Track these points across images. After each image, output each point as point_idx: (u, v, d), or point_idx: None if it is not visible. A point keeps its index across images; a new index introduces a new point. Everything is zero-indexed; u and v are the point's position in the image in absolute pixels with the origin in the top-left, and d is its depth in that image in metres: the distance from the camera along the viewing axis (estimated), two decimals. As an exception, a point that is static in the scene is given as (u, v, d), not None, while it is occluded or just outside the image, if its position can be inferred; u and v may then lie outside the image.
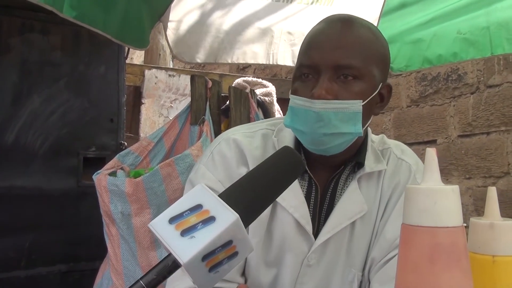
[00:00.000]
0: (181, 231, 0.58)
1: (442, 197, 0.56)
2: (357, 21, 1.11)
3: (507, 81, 3.03)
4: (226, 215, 0.59)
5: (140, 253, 1.73)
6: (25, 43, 2.40)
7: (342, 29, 1.07)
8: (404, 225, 0.58)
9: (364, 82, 1.04)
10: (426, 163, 0.58)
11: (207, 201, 0.61)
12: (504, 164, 3.04)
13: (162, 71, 3.67)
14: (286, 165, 0.70)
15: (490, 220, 0.68)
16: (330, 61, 1.03)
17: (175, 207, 0.61)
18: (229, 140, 1.16)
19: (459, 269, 0.54)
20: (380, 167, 1.16)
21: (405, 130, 3.68)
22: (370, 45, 1.07)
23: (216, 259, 0.59)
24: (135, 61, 5.04)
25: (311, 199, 1.14)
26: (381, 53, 1.10)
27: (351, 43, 1.05)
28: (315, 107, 1.02)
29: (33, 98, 2.41)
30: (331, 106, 1.02)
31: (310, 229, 1.12)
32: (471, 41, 2.11)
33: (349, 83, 1.03)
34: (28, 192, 2.36)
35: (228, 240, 0.59)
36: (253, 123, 1.29)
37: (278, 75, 4.98)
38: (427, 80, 3.54)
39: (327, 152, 1.08)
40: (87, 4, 1.68)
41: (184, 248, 0.57)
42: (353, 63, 1.03)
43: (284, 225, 1.12)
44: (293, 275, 1.14)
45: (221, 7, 2.21)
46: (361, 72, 1.04)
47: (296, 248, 1.12)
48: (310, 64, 1.06)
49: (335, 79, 1.04)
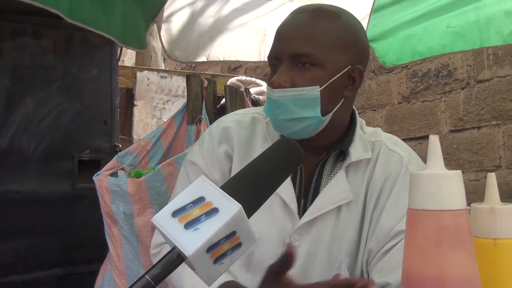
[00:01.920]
0: (184, 223, 0.58)
1: (446, 181, 0.58)
2: (322, 9, 1.16)
3: (496, 76, 3.07)
4: (229, 206, 0.59)
5: (143, 252, 1.74)
6: (17, 47, 2.38)
7: (302, 19, 1.13)
8: (410, 210, 0.60)
9: (323, 69, 1.09)
10: (430, 150, 0.60)
11: (209, 193, 0.61)
12: (496, 158, 3.08)
13: (154, 73, 3.67)
14: (285, 155, 0.71)
15: (490, 205, 0.70)
16: (288, 51, 1.10)
17: (177, 201, 0.61)
18: (220, 121, 1.28)
19: (464, 250, 0.56)
20: (365, 155, 1.18)
21: (397, 127, 3.71)
22: (330, 31, 1.11)
23: (220, 250, 0.59)
24: (126, 63, 5.03)
25: (296, 181, 1.18)
26: (344, 38, 1.13)
27: (308, 31, 1.11)
28: (274, 95, 1.10)
29: (26, 102, 2.40)
30: (287, 93, 1.09)
31: (295, 208, 1.15)
32: (461, 34, 2.15)
33: (307, 69, 1.09)
34: (23, 196, 2.35)
35: (232, 231, 0.59)
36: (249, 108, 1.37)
37: (270, 74, 5.00)
38: (418, 77, 3.58)
39: (295, 136, 1.11)
40: (89, 8, 1.68)
41: (189, 241, 0.57)
42: (309, 51, 1.08)
43: (270, 204, 1.14)
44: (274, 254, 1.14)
45: (213, 6, 2.22)
46: (318, 60, 1.09)
47: (280, 226, 1.16)
48: (274, 55, 1.14)
49: (294, 67, 1.10)
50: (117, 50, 2.63)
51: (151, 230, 1.73)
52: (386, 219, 1.13)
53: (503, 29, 2.01)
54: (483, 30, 2.07)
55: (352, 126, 1.21)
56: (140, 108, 3.65)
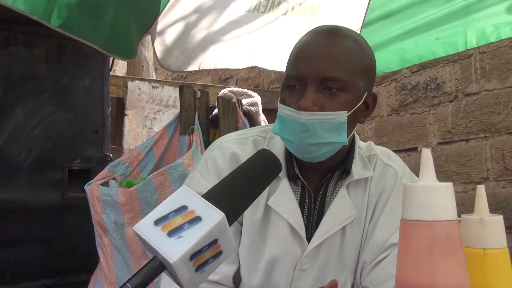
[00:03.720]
0: (167, 231, 0.59)
1: (438, 193, 0.60)
2: (344, 32, 1.14)
3: (484, 90, 3.13)
4: (211, 215, 0.60)
5: (134, 262, 1.74)
6: (9, 56, 2.38)
7: (328, 41, 1.10)
8: (403, 220, 0.61)
9: (349, 94, 1.07)
10: (422, 162, 0.62)
11: (192, 202, 0.62)
12: (483, 170, 3.12)
13: (145, 83, 3.68)
14: (265, 166, 0.73)
15: (480, 216, 0.72)
16: (316, 73, 1.06)
17: (159, 210, 0.62)
18: (222, 147, 1.19)
19: (455, 259, 0.58)
20: (367, 174, 1.19)
21: (386, 138, 3.75)
22: (355, 56, 1.10)
23: (202, 258, 0.60)
24: (117, 73, 5.03)
25: (305, 205, 1.17)
26: (366, 64, 1.12)
27: (336, 55, 1.08)
28: (301, 118, 1.05)
29: (17, 111, 2.39)
30: (316, 117, 1.05)
31: (303, 234, 1.14)
32: (448, 43, 2.20)
33: (334, 94, 1.06)
34: (13, 206, 2.33)
35: (213, 239, 0.60)
36: (244, 130, 1.31)
37: (261, 85, 5.03)
38: (407, 89, 3.63)
39: (313, 160, 1.11)
40: (75, 15, 1.69)
41: (172, 248, 0.57)
42: (338, 75, 1.06)
43: (278, 230, 1.14)
44: (287, 280, 1.16)
45: (206, 18, 2.25)
46: (346, 84, 1.06)
47: (290, 253, 1.15)
48: (297, 76, 1.09)
49: (321, 91, 1.06)
50: (109, 60, 2.64)
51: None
52: (380, 232, 1.15)
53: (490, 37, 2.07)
54: (468, 36, 2.13)
55: (353, 145, 1.22)
56: (131, 118, 3.64)
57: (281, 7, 2.36)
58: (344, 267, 1.17)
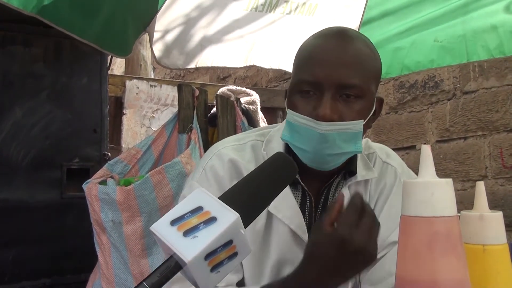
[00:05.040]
0: (183, 231, 0.59)
1: (438, 189, 0.60)
2: (355, 35, 1.11)
3: (482, 87, 3.13)
4: (227, 215, 0.61)
5: (132, 261, 1.74)
6: (7, 55, 2.38)
7: (343, 45, 1.06)
8: (403, 216, 0.62)
9: (364, 101, 1.05)
10: (422, 159, 0.62)
11: (207, 203, 0.62)
12: (482, 168, 3.13)
13: (143, 82, 3.67)
14: (280, 168, 0.73)
15: (479, 212, 0.72)
16: (334, 80, 1.01)
17: (176, 211, 0.62)
18: (220, 155, 1.15)
19: (455, 255, 0.58)
20: (371, 175, 1.18)
21: (384, 137, 3.75)
22: (369, 61, 1.07)
23: (217, 258, 0.60)
24: (115, 72, 5.02)
25: (306, 209, 1.16)
26: (377, 69, 1.11)
27: (353, 61, 1.04)
28: (321, 128, 1.01)
29: (15, 110, 2.38)
30: (336, 128, 1.01)
31: (306, 239, 1.12)
32: (447, 49, 2.19)
33: (352, 102, 1.03)
34: (11, 205, 2.33)
35: (229, 240, 0.60)
36: (241, 134, 1.28)
37: (259, 84, 5.03)
38: (405, 88, 3.63)
39: (326, 169, 1.09)
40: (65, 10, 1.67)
41: (188, 247, 0.58)
42: (356, 82, 1.02)
43: (281, 236, 1.13)
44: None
45: (205, 17, 2.25)
46: (362, 91, 1.04)
47: (294, 259, 1.11)
48: (312, 81, 1.03)
49: (338, 98, 1.03)
50: (107, 59, 2.63)
51: (140, 238, 1.73)
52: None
53: (489, 43, 2.06)
54: (469, 44, 2.11)
55: None
56: (129, 117, 3.64)
57: (280, 6, 2.36)
58: None
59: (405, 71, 2.37)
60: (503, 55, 2.08)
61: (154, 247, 1.77)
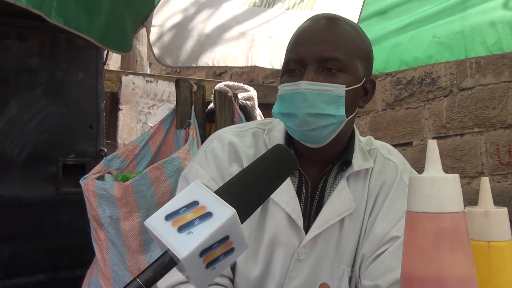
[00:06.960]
0: (178, 227, 0.58)
1: (445, 184, 0.59)
2: (341, 19, 1.17)
3: (479, 84, 3.14)
4: (223, 211, 0.59)
5: (129, 257, 1.73)
6: (2, 49, 2.35)
7: (326, 25, 1.13)
8: (409, 212, 0.61)
9: (348, 75, 1.09)
10: (428, 154, 0.61)
11: (203, 198, 0.61)
12: (478, 164, 3.13)
13: (139, 77, 3.65)
14: (279, 162, 0.71)
15: (484, 208, 0.72)
16: (315, 54, 1.07)
17: (171, 205, 0.61)
18: (221, 139, 1.20)
19: (462, 252, 0.57)
20: (368, 165, 1.19)
21: (381, 133, 3.75)
22: (353, 40, 1.12)
23: (213, 255, 0.59)
24: (111, 67, 5.00)
25: (302, 195, 1.17)
26: (364, 49, 1.15)
27: (335, 37, 1.10)
28: (301, 87, 1.06)
29: (11, 106, 2.36)
30: (315, 87, 1.06)
31: (301, 224, 1.15)
32: (446, 45, 2.19)
33: (334, 75, 1.08)
34: (6, 201, 2.31)
35: (225, 236, 0.59)
36: (243, 123, 1.31)
37: (255, 80, 5.02)
38: (402, 84, 3.63)
39: (313, 140, 1.11)
40: (72, 9, 1.68)
41: (182, 244, 0.56)
42: (337, 55, 1.07)
43: (276, 219, 1.14)
44: (283, 269, 1.16)
45: (203, 12, 2.23)
46: (345, 65, 1.08)
47: (287, 243, 1.15)
48: (296, 59, 1.10)
49: (320, 72, 1.08)
50: (103, 54, 2.61)
51: (137, 234, 1.72)
52: (380, 226, 1.15)
53: (487, 39, 2.06)
54: (468, 40, 2.11)
55: (353, 136, 1.22)
56: (125, 113, 3.62)
57: (279, 1, 2.35)
58: (341, 260, 1.17)
59: (403, 67, 2.37)
60: (501, 52, 2.08)
61: (152, 243, 1.77)
